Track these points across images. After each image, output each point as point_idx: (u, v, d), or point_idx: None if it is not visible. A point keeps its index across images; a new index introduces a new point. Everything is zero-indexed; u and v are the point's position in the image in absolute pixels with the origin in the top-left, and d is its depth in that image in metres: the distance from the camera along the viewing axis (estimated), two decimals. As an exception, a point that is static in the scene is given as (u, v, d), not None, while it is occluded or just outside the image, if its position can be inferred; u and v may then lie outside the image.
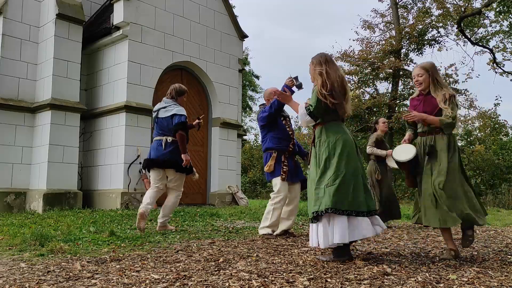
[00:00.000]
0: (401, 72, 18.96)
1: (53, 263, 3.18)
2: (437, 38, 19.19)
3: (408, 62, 19.35)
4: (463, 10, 17.68)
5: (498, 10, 16.09)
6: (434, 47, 19.31)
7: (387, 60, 18.57)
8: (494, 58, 18.65)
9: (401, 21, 19.35)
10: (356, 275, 2.81)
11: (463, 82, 26.63)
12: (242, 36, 10.98)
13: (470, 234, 3.50)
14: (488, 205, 13.81)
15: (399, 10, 19.54)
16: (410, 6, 19.91)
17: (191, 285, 2.55)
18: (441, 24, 19.03)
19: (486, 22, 18.48)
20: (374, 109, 19.18)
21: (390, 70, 18.71)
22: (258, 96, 29.95)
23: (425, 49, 19.14)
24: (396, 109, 18.94)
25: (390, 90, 19.44)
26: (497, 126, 19.96)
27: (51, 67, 8.24)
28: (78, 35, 8.67)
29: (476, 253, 3.89)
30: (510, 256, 3.71)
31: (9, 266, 3.09)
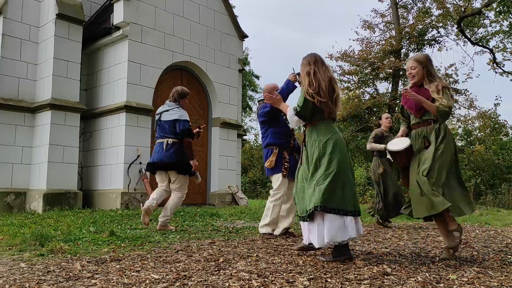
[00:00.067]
0: (401, 72, 18.92)
1: (53, 263, 3.18)
2: (437, 38, 19.17)
3: (408, 62, 19.29)
4: (463, 10, 17.66)
5: (498, 10, 16.07)
6: (434, 47, 19.27)
7: (387, 60, 18.55)
8: (494, 58, 18.64)
9: (401, 21, 19.32)
10: (356, 275, 2.81)
11: (463, 82, 26.61)
12: (242, 36, 10.98)
13: (458, 236, 3.36)
14: (488, 205, 13.81)
15: (399, 10, 19.52)
16: (410, 6, 19.89)
17: (191, 285, 2.55)
18: (441, 24, 19.01)
19: (486, 22, 18.46)
20: (374, 109, 19.16)
21: (390, 70, 18.70)
22: (258, 96, 29.95)
23: (425, 49, 19.09)
24: (396, 109, 18.91)
25: (390, 90, 19.42)
26: (497, 126, 19.94)
27: (51, 67, 8.24)
28: (78, 35, 8.68)
29: (476, 253, 3.89)
30: (510, 256, 3.71)
31: (9, 266, 3.09)
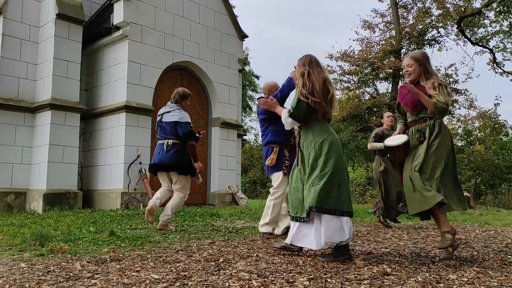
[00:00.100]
0: (401, 72, 18.91)
1: (53, 263, 3.18)
2: (437, 38, 19.18)
3: (408, 62, 19.30)
4: (463, 10, 17.66)
5: (498, 10, 16.08)
6: (434, 47, 19.29)
7: (387, 60, 18.55)
8: (494, 58, 18.65)
9: (401, 21, 19.33)
10: (356, 275, 2.81)
11: (463, 82, 26.58)
12: (242, 36, 10.98)
13: (450, 238, 3.28)
14: (488, 205, 13.81)
15: (399, 10, 19.52)
16: (410, 6, 19.90)
17: (191, 285, 2.55)
18: (441, 24, 19.02)
19: (486, 22, 18.48)
20: (374, 109, 19.16)
21: (390, 70, 18.70)
22: (258, 96, 29.95)
23: (425, 49, 19.11)
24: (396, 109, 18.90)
25: (390, 90, 19.42)
26: (497, 126, 19.95)
27: (51, 67, 8.24)
28: (78, 35, 8.67)
29: (476, 253, 3.89)
30: (510, 256, 3.71)
31: (9, 266, 3.09)
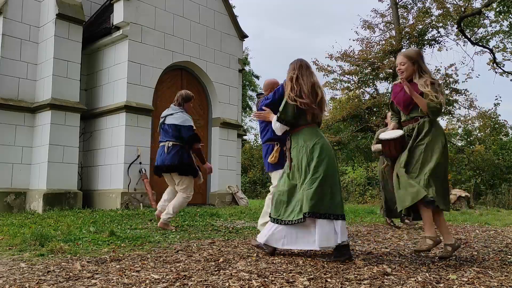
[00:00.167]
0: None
1: (53, 263, 3.18)
2: (437, 38, 19.17)
3: (408, 62, 19.28)
4: (463, 10, 17.66)
5: (498, 10, 16.08)
6: (434, 47, 19.29)
7: (387, 60, 18.55)
8: (494, 58, 18.65)
9: (401, 21, 19.32)
10: (356, 275, 2.81)
11: (463, 82, 26.48)
12: (242, 36, 10.98)
13: (430, 244, 3.26)
14: (488, 205, 13.81)
15: (399, 10, 19.52)
16: (410, 6, 19.90)
17: (191, 285, 2.55)
18: (441, 24, 19.01)
19: (486, 22, 18.48)
20: (374, 109, 19.16)
21: (390, 70, 18.69)
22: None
23: (425, 49, 19.10)
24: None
25: (390, 90, 19.40)
26: (497, 126, 19.95)
27: (51, 67, 8.24)
28: (78, 35, 8.67)
29: (476, 253, 3.89)
30: (510, 256, 3.71)
31: (9, 266, 3.09)
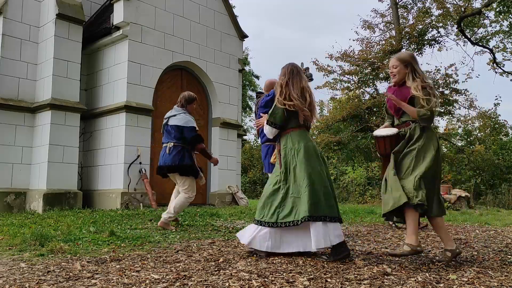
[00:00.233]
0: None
1: (53, 263, 3.18)
2: (437, 38, 19.14)
3: (408, 62, 19.28)
4: (463, 10, 17.65)
5: (498, 10, 16.08)
6: (434, 47, 19.25)
7: (387, 60, 18.54)
8: (494, 58, 18.64)
9: (401, 21, 19.31)
10: (356, 275, 2.81)
11: (463, 82, 26.46)
12: (242, 36, 10.98)
13: (407, 250, 3.17)
14: (488, 205, 13.81)
15: (399, 10, 19.50)
16: (410, 6, 19.87)
17: (191, 285, 2.55)
18: (441, 24, 18.99)
19: (486, 22, 18.46)
20: (374, 109, 19.14)
21: (390, 70, 18.69)
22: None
23: (425, 49, 19.07)
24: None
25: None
26: (497, 126, 19.94)
27: (51, 67, 8.24)
28: (78, 35, 8.67)
29: (476, 253, 3.89)
30: (510, 256, 3.71)
31: (9, 266, 3.09)
